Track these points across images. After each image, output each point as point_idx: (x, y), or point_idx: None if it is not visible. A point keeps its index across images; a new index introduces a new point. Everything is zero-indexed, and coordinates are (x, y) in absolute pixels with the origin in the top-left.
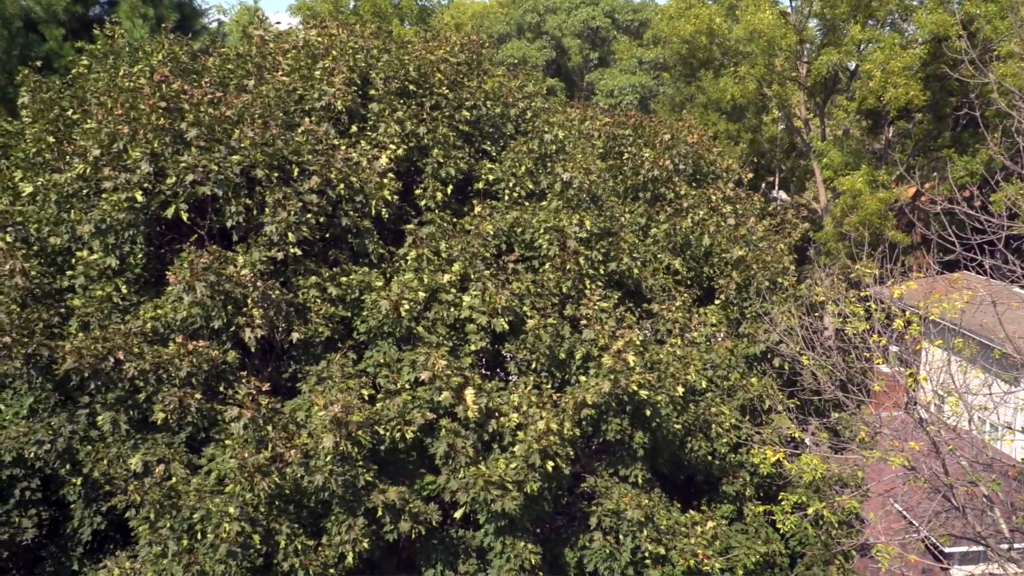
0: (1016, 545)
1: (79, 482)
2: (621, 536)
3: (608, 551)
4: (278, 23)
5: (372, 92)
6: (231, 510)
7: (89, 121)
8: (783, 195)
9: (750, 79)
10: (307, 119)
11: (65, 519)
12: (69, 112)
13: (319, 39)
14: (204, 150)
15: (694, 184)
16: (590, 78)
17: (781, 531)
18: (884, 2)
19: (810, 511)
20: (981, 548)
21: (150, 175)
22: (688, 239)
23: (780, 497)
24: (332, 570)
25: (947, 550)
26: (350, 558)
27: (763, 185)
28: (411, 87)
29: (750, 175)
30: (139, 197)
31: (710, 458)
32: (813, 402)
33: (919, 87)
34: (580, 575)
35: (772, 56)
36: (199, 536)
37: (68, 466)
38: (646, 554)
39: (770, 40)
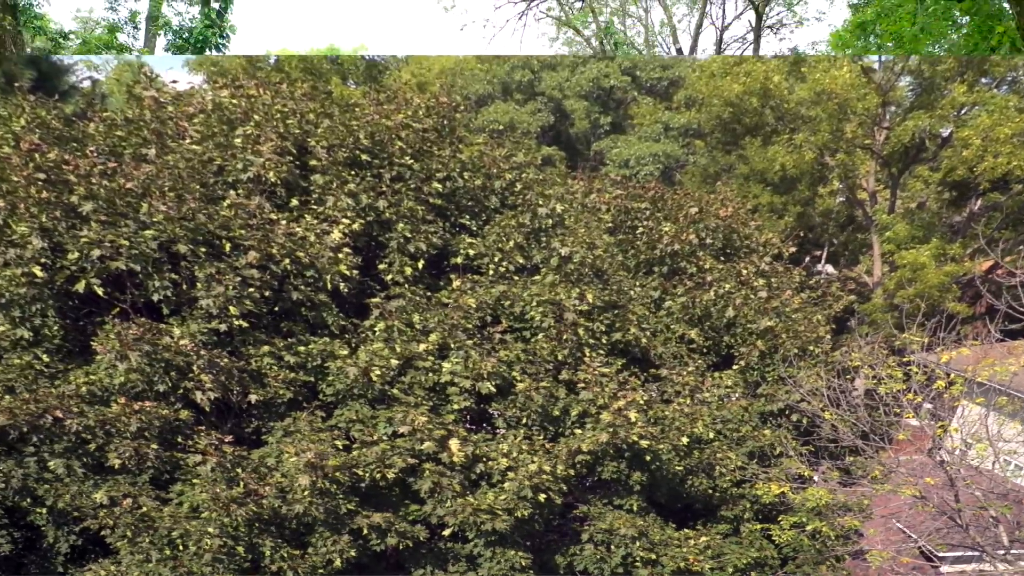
0: (1012, 551)
1: (44, 511)
2: (613, 547)
3: (599, 556)
4: (174, 82)
5: (313, 163)
6: (211, 530)
7: None
8: (829, 268)
9: (808, 147)
10: (232, 191)
11: (39, 537)
12: None
13: (234, 101)
14: (108, 224)
15: (723, 258)
16: (599, 146)
17: (776, 542)
18: (1007, 58)
19: (809, 528)
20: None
21: (45, 250)
22: (709, 311)
23: (780, 519)
24: (321, 571)
25: (940, 554)
26: (338, 562)
27: (807, 259)
28: (363, 156)
29: (792, 249)
30: (38, 272)
31: (711, 492)
32: (829, 448)
33: None
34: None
35: (842, 121)
36: (181, 548)
37: (29, 499)
38: (637, 559)
39: (843, 103)
